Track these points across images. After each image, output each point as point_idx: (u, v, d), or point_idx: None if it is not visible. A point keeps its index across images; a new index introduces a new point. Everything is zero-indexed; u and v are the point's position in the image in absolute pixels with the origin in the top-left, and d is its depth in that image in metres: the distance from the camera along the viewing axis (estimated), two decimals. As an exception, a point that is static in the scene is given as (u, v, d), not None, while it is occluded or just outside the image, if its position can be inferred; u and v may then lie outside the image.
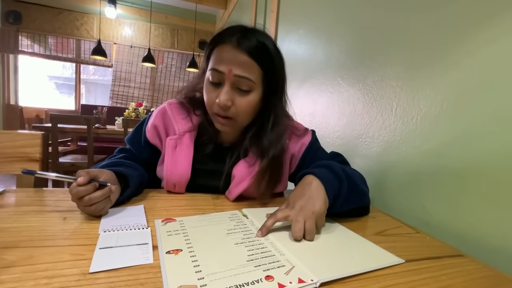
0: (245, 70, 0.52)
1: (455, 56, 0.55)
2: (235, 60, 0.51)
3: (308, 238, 0.42)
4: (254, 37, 0.52)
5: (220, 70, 0.52)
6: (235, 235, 0.43)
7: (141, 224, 0.43)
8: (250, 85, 0.53)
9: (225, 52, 0.52)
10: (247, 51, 0.51)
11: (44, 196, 0.54)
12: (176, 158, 0.60)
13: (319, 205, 0.45)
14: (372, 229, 0.52)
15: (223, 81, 0.53)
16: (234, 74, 0.51)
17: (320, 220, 0.45)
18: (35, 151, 0.59)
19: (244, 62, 0.52)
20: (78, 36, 3.61)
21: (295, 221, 0.43)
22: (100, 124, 2.49)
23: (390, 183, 0.69)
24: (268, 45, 0.54)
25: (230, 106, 0.53)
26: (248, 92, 0.54)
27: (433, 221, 0.58)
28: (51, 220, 0.43)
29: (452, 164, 0.55)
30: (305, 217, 0.43)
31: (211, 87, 0.54)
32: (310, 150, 0.64)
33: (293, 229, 0.42)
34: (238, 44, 0.51)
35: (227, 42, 0.52)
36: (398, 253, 0.41)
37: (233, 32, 0.52)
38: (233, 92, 0.53)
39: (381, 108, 0.73)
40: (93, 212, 0.44)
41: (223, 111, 0.54)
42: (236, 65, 0.51)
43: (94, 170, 0.47)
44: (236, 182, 0.59)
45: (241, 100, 0.54)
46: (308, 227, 0.42)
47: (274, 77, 0.56)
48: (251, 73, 0.52)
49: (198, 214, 0.51)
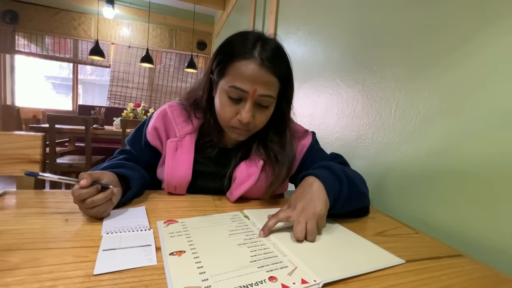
0: (268, 88, 0.52)
1: (452, 58, 0.56)
2: (259, 79, 0.50)
3: (309, 239, 0.43)
4: (272, 49, 0.51)
5: (243, 89, 0.51)
6: (237, 236, 0.43)
7: (144, 226, 0.44)
8: (271, 101, 0.54)
9: (248, 71, 0.50)
10: (271, 69, 0.50)
11: (44, 197, 0.54)
12: (176, 160, 0.60)
13: (320, 206, 0.45)
14: (372, 230, 0.52)
15: (244, 99, 0.52)
16: (258, 94, 0.51)
17: (321, 221, 0.46)
18: (35, 153, 0.59)
19: (269, 81, 0.51)
20: (75, 36, 3.60)
21: (296, 222, 0.44)
22: (98, 125, 2.48)
23: (389, 184, 0.70)
24: (284, 52, 0.54)
25: (251, 121, 0.54)
26: (267, 107, 0.55)
27: (431, 221, 0.58)
28: (53, 222, 0.43)
29: (450, 165, 0.55)
30: (307, 218, 0.44)
31: (229, 102, 0.53)
32: (310, 151, 0.64)
33: (295, 230, 0.43)
34: (262, 62, 0.50)
35: (249, 58, 0.50)
36: (398, 254, 0.41)
37: (249, 44, 0.51)
38: (254, 108, 0.53)
39: (380, 110, 0.74)
40: (95, 214, 0.44)
41: (244, 127, 0.55)
42: (261, 85, 0.51)
43: (96, 172, 0.47)
44: (238, 183, 0.59)
45: (260, 115, 0.55)
46: (310, 228, 0.43)
47: (288, 86, 0.57)
48: (272, 90, 0.53)
49: (199, 215, 0.51)
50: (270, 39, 0.54)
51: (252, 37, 0.52)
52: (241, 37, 0.53)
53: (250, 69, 0.50)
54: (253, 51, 0.50)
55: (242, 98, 0.53)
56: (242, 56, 0.50)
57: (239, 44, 0.52)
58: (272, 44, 0.52)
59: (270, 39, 0.54)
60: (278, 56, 0.52)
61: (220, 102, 0.55)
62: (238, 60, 0.51)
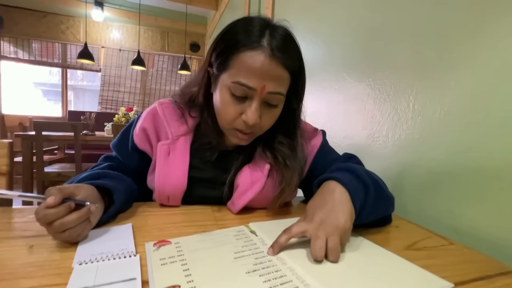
0: (279, 85, 0.44)
1: (486, 39, 0.49)
2: (269, 74, 0.43)
3: (331, 259, 0.35)
4: (282, 36, 0.43)
5: (250, 86, 0.43)
6: (244, 259, 0.35)
7: (128, 250, 0.35)
8: (280, 99, 0.46)
9: (257, 63, 0.42)
10: (282, 61, 0.43)
11: (10, 217, 0.45)
12: (169, 166, 0.52)
13: (344, 219, 0.37)
14: (400, 242, 0.45)
15: (250, 97, 0.45)
16: (267, 91, 0.43)
17: (345, 236, 0.38)
18: (1, 163, 0.50)
19: (280, 76, 0.44)
20: (64, 40, 3.48)
21: (314, 237, 0.36)
22: (88, 131, 2.37)
23: (410, 185, 0.62)
24: (298, 47, 0.46)
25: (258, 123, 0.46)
26: (276, 106, 0.47)
27: (463, 228, 0.51)
28: (14, 249, 0.34)
29: (484, 163, 0.48)
30: (327, 233, 0.36)
31: (232, 100, 0.45)
32: (321, 152, 0.57)
33: (313, 247, 0.35)
34: (272, 52, 0.42)
35: (257, 48, 0.42)
36: (441, 274, 0.34)
37: (255, 30, 0.43)
38: (261, 108, 0.46)
39: (395, 104, 0.67)
40: (67, 239, 0.35)
41: (249, 129, 0.47)
42: (271, 81, 0.43)
43: (69, 186, 0.38)
44: (240, 192, 0.51)
45: (268, 116, 0.47)
46: (332, 246, 0.35)
47: (300, 81, 0.48)
48: (283, 86, 0.45)
49: (197, 232, 0.43)
50: (279, 25, 0.46)
51: (258, 23, 0.44)
52: (245, 23, 0.45)
53: (258, 62, 0.42)
54: (261, 39, 0.42)
55: (248, 96, 0.45)
56: (248, 46, 0.42)
57: (244, 31, 0.43)
58: (282, 31, 0.44)
59: (279, 25, 0.46)
60: (290, 45, 0.44)
61: (221, 101, 0.46)
62: (243, 51, 0.42)
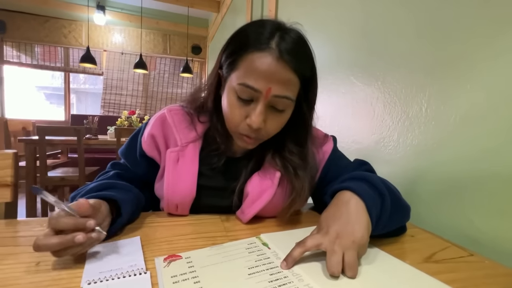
0: (286, 88, 0.42)
1: (507, 42, 0.47)
2: (275, 76, 0.41)
3: (349, 274, 0.33)
4: (293, 39, 0.42)
5: (255, 88, 0.42)
6: (259, 276, 0.33)
7: (138, 267, 0.34)
8: (288, 104, 0.44)
9: (264, 65, 0.41)
10: (290, 64, 0.41)
11: (16, 229, 0.44)
12: (178, 173, 0.50)
13: (361, 232, 0.36)
14: (418, 254, 0.43)
15: (256, 99, 0.43)
16: (273, 94, 0.42)
17: (362, 250, 0.36)
18: (5, 174, 0.49)
19: (287, 79, 0.42)
20: (66, 44, 3.49)
21: (330, 252, 0.34)
22: (91, 135, 2.37)
23: (424, 193, 0.61)
24: (307, 46, 0.44)
25: (263, 127, 0.45)
26: (283, 111, 0.45)
27: (483, 238, 0.49)
28: (20, 267, 0.33)
29: (505, 170, 0.46)
30: (344, 247, 0.34)
31: (238, 102, 0.44)
32: (332, 159, 0.55)
33: (329, 262, 0.33)
34: (280, 54, 0.40)
35: (265, 50, 0.41)
36: (464, 289, 0.32)
37: (266, 33, 0.42)
38: (266, 112, 0.44)
39: (407, 108, 0.65)
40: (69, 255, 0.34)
41: (254, 133, 0.45)
42: (277, 83, 0.41)
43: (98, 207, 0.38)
44: (250, 200, 0.50)
45: (274, 120, 0.45)
46: (349, 261, 0.33)
47: (311, 87, 0.47)
48: (291, 91, 0.43)
49: (207, 244, 0.42)
50: (292, 29, 0.44)
51: (270, 26, 0.43)
52: (257, 25, 0.44)
53: (265, 64, 0.40)
54: (270, 41, 0.41)
55: (254, 99, 0.43)
56: (256, 47, 0.41)
57: (254, 33, 0.42)
58: (294, 35, 0.43)
59: (292, 29, 0.44)
60: (301, 49, 0.43)
61: (227, 102, 0.45)
62: (251, 52, 0.41)
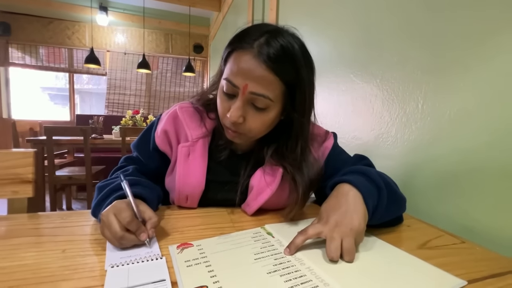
0: (263, 87, 0.44)
1: (496, 41, 0.49)
2: (252, 74, 0.43)
3: (347, 259, 0.37)
4: (279, 44, 0.43)
5: (234, 84, 0.45)
6: (264, 260, 0.37)
7: (154, 254, 0.37)
8: (267, 103, 0.46)
9: (242, 62, 0.43)
10: (268, 63, 0.42)
11: (39, 222, 0.47)
12: (189, 167, 0.54)
13: (358, 221, 0.39)
14: (412, 241, 0.46)
15: (237, 94, 0.46)
16: (249, 91, 0.44)
17: (359, 237, 0.39)
18: (27, 172, 0.52)
19: (263, 77, 0.43)
20: (70, 45, 3.54)
21: (330, 239, 0.37)
22: (96, 134, 2.41)
23: (421, 185, 0.63)
24: (295, 53, 0.44)
25: (241, 122, 0.47)
26: (264, 110, 0.47)
27: (478, 227, 0.52)
28: (48, 254, 0.37)
29: (496, 163, 0.49)
30: (342, 235, 0.38)
31: (224, 97, 0.48)
32: (332, 154, 0.58)
33: (328, 248, 0.37)
34: (259, 53, 0.42)
35: (247, 48, 0.43)
36: (454, 272, 0.35)
37: (256, 35, 0.44)
38: (246, 108, 0.46)
39: (404, 105, 0.68)
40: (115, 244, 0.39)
41: (234, 127, 0.48)
42: (253, 81, 0.43)
43: None
44: (255, 194, 0.53)
45: (254, 117, 0.47)
46: (347, 247, 0.37)
47: (299, 90, 0.47)
48: (269, 90, 0.44)
49: (216, 234, 0.45)
50: (285, 34, 0.45)
51: (263, 29, 0.45)
52: (254, 27, 0.47)
53: (243, 61, 0.44)
54: (254, 42, 0.43)
55: (235, 94, 0.46)
56: (241, 46, 0.44)
57: (246, 34, 0.46)
58: (283, 40, 0.44)
59: (285, 34, 0.45)
60: (285, 54, 0.43)
61: (218, 96, 0.50)
62: (236, 51, 0.45)
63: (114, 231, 0.37)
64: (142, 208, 0.42)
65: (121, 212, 0.38)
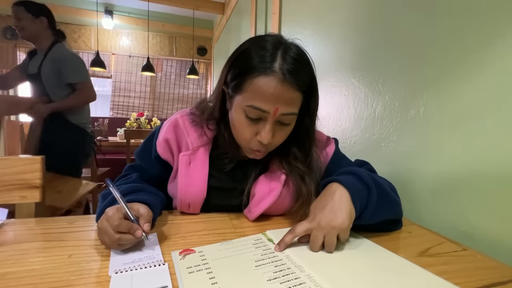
0: (291, 106, 0.46)
1: (497, 46, 0.49)
2: (281, 97, 0.44)
3: (327, 250, 0.42)
4: (297, 62, 0.44)
5: (264, 110, 0.45)
6: (265, 268, 0.37)
7: (157, 260, 0.38)
8: (293, 118, 0.48)
9: (270, 89, 0.43)
10: (294, 84, 0.44)
11: (46, 227, 0.49)
12: (190, 175, 0.55)
13: (342, 219, 0.41)
14: (413, 248, 0.46)
15: (264, 118, 0.47)
16: (280, 113, 0.45)
17: (342, 234, 0.42)
18: (34, 177, 0.54)
19: (291, 98, 0.45)
20: (76, 48, 3.59)
21: (313, 237, 0.42)
22: (102, 137, 2.45)
23: (422, 192, 0.63)
24: (308, 61, 0.47)
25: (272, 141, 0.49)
26: (289, 124, 0.49)
27: (478, 233, 0.52)
28: (55, 259, 0.38)
29: (498, 169, 0.49)
30: (325, 232, 0.41)
31: (247, 122, 0.48)
32: (334, 160, 0.58)
33: (310, 243, 0.42)
34: (284, 77, 0.43)
35: (269, 73, 0.43)
36: (453, 280, 0.35)
37: (271, 54, 0.44)
38: (274, 127, 0.48)
39: (405, 110, 0.68)
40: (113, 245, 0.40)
41: (263, 148, 0.49)
42: (283, 104, 0.45)
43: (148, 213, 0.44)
44: (257, 200, 0.54)
45: (280, 133, 0.49)
46: (328, 241, 0.41)
47: (312, 98, 0.50)
48: (296, 107, 0.47)
49: (217, 240, 0.46)
50: (291, 45, 0.47)
51: (271, 46, 0.45)
52: (258, 46, 0.46)
53: (271, 87, 0.43)
54: (273, 64, 0.43)
55: (262, 118, 0.47)
56: (261, 71, 0.44)
57: (257, 55, 0.45)
58: (293, 52, 0.45)
59: (291, 45, 0.47)
60: (301, 66, 0.45)
61: (237, 121, 0.49)
62: (256, 76, 0.44)
63: (109, 235, 0.38)
64: (134, 207, 0.43)
65: (110, 217, 0.39)
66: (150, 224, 0.42)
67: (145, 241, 0.42)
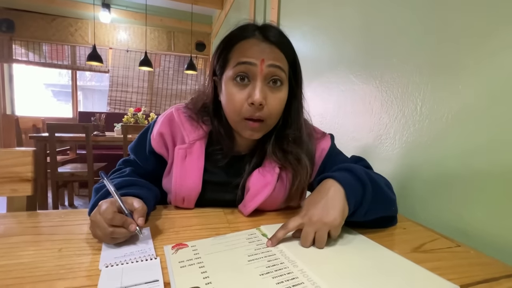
0: (277, 60, 0.48)
1: (492, 45, 0.49)
2: (265, 51, 0.48)
3: (317, 246, 0.41)
4: (276, 30, 0.50)
5: (251, 62, 0.47)
6: (258, 262, 0.37)
7: (149, 254, 0.38)
8: (283, 77, 0.49)
9: (252, 45, 0.48)
10: (275, 42, 0.49)
11: (37, 221, 0.48)
12: (185, 169, 0.54)
13: (334, 216, 0.41)
14: (407, 244, 0.46)
15: (253, 77, 0.48)
16: (267, 64, 0.47)
17: (334, 230, 0.42)
18: (26, 170, 0.53)
19: (275, 52, 0.49)
20: (72, 42, 3.55)
21: (304, 232, 0.42)
22: (98, 132, 2.43)
23: (418, 188, 0.63)
24: (291, 43, 0.52)
25: (264, 106, 0.48)
26: (279, 88, 0.50)
27: (472, 230, 0.52)
28: (45, 253, 0.37)
29: (493, 167, 0.49)
30: (316, 228, 0.41)
31: (237, 88, 0.49)
32: (330, 156, 0.58)
33: (301, 239, 0.42)
34: (264, 37, 0.49)
35: (251, 36, 0.49)
36: (447, 276, 0.35)
37: (251, 28, 0.50)
38: (265, 89, 0.48)
39: (403, 107, 0.67)
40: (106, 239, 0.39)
41: (257, 112, 0.48)
42: (267, 55, 0.47)
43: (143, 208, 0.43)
44: (252, 195, 0.53)
45: (273, 98, 0.49)
46: (318, 237, 0.41)
47: (297, 73, 0.53)
48: (282, 63, 0.49)
49: (211, 235, 0.45)
50: (271, 25, 0.52)
51: (252, 25, 0.51)
52: (239, 27, 0.51)
53: (254, 44, 0.48)
54: (254, 32, 0.49)
55: (250, 78, 0.48)
56: (242, 37, 0.49)
57: (238, 31, 0.50)
58: (273, 29, 0.50)
59: (271, 25, 0.52)
60: (283, 37, 0.51)
61: (227, 94, 0.50)
62: (238, 42, 0.49)
63: (102, 228, 0.38)
64: (128, 201, 0.43)
65: (104, 210, 0.39)
66: (144, 218, 0.42)
67: (138, 236, 0.41)
